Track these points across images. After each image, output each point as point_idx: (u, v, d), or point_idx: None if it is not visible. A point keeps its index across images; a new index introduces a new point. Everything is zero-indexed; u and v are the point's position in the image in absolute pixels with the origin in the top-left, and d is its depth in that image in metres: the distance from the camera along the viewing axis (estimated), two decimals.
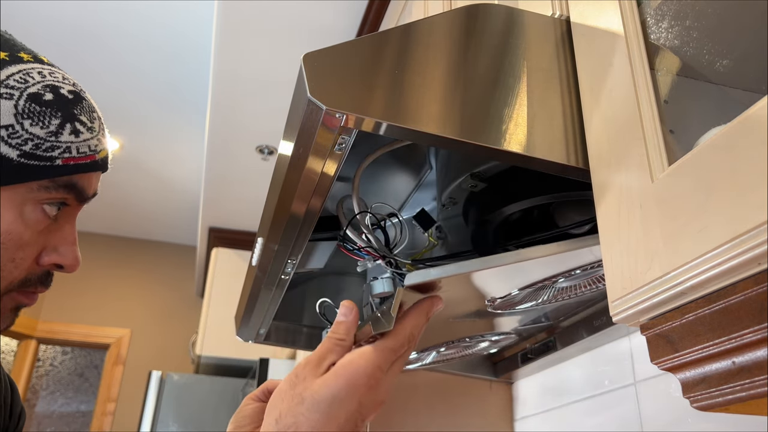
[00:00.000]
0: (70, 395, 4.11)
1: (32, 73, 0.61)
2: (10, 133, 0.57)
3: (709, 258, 0.37)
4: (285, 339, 1.09)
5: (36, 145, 0.58)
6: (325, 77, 0.51)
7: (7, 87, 0.58)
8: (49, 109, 0.59)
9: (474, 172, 0.69)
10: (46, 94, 0.60)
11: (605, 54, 0.54)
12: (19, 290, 0.62)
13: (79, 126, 0.61)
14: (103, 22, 2.45)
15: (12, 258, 0.59)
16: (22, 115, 0.58)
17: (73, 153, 0.61)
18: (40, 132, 0.59)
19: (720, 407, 0.39)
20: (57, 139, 0.59)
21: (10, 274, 0.60)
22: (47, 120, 0.59)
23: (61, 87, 0.62)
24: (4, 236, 0.58)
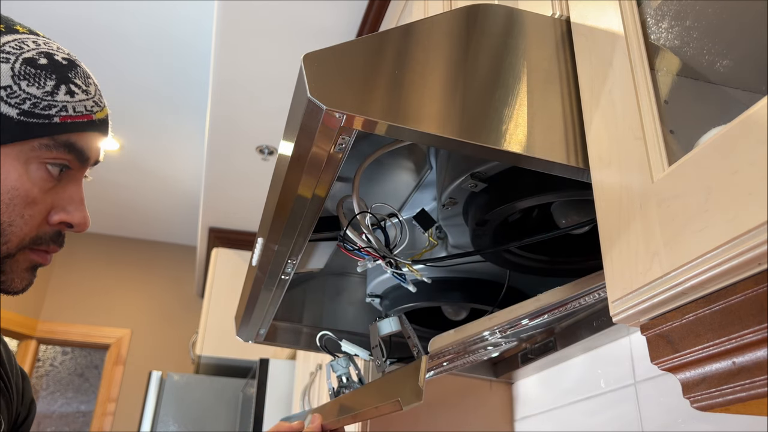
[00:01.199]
0: (70, 395, 4.11)
1: (27, 41, 0.65)
2: (8, 94, 0.61)
3: (709, 258, 0.37)
4: (285, 339, 1.09)
5: (34, 104, 0.62)
6: (326, 77, 0.51)
7: (3, 52, 0.63)
8: (44, 72, 0.64)
9: (474, 172, 0.69)
10: (40, 59, 0.64)
11: (605, 54, 0.54)
12: (31, 249, 0.65)
13: (73, 87, 0.65)
14: (102, 22, 2.45)
15: (21, 214, 0.62)
16: (18, 77, 0.62)
17: (70, 111, 0.64)
18: (36, 92, 0.62)
19: (720, 407, 0.39)
20: (53, 98, 0.63)
21: (21, 230, 0.63)
22: (43, 81, 0.63)
23: (55, 54, 0.66)
24: (11, 192, 0.62)
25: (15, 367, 0.79)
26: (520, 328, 0.79)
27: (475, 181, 0.70)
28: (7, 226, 0.62)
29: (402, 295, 0.96)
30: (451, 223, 0.81)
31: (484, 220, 0.72)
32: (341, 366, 0.91)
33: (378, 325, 0.78)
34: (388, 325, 0.77)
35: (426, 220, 0.78)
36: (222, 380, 3.28)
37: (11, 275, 0.64)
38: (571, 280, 0.92)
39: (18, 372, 0.79)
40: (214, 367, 3.46)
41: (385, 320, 0.77)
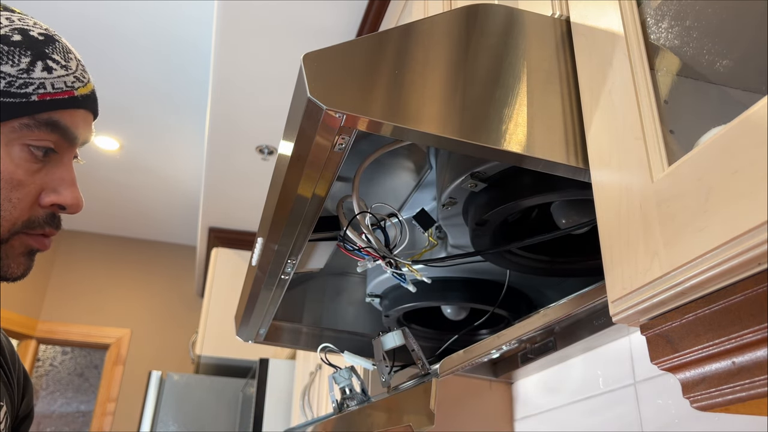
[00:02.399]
0: (69, 395, 4.11)
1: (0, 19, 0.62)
2: None
3: (709, 258, 0.37)
4: (285, 339, 1.09)
5: (9, 83, 0.59)
6: (325, 77, 0.51)
7: None
8: (18, 49, 0.61)
9: (474, 172, 0.69)
10: (14, 35, 0.61)
11: (605, 54, 0.54)
12: (25, 233, 0.63)
13: (51, 63, 0.62)
14: (102, 21, 2.45)
15: (9, 198, 0.60)
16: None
17: (48, 89, 0.61)
18: (10, 70, 0.60)
19: (720, 407, 0.39)
20: (29, 76, 0.60)
21: (10, 214, 0.61)
22: (16, 58, 0.60)
23: (30, 30, 0.63)
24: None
25: (19, 368, 0.78)
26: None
27: (475, 181, 0.70)
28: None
29: (402, 295, 0.96)
30: (451, 223, 0.81)
31: (483, 220, 0.72)
32: (343, 378, 0.91)
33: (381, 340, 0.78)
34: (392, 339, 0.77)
35: (426, 220, 0.78)
36: (222, 380, 3.28)
37: (7, 261, 0.62)
38: (570, 280, 0.92)
39: (22, 374, 0.78)
40: (214, 367, 3.46)
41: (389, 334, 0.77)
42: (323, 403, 2.17)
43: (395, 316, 1.01)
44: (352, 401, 0.90)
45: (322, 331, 1.11)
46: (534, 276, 0.90)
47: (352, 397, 0.90)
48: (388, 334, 0.77)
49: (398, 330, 0.78)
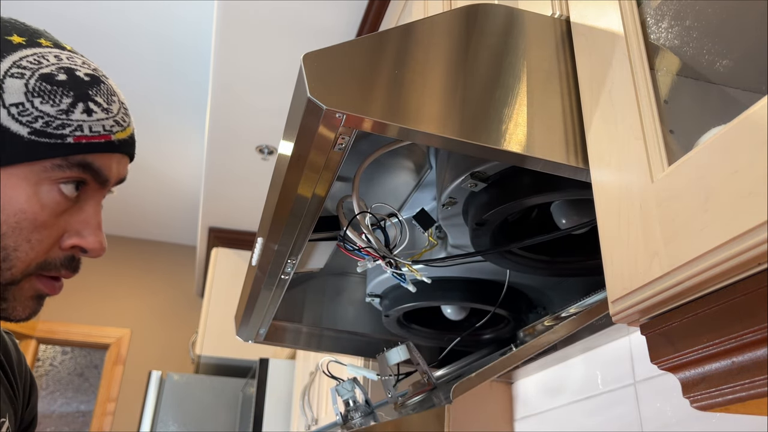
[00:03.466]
0: (69, 395, 4.11)
1: (48, 56, 0.61)
2: (20, 111, 0.57)
3: (709, 258, 0.37)
4: (285, 339, 1.09)
5: (46, 122, 0.58)
6: (325, 77, 0.51)
7: (19, 67, 0.59)
8: (60, 89, 0.60)
9: (474, 172, 0.69)
10: (59, 74, 0.60)
11: (605, 54, 0.54)
12: (38, 275, 0.61)
13: (92, 106, 0.61)
14: (102, 22, 2.45)
15: (28, 239, 0.59)
16: (32, 93, 0.58)
17: (85, 131, 0.60)
18: (50, 110, 0.59)
19: (720, 407, 0.39)
20: (68, 117, 0.59)
21: (27, 255, 0.59)
22: (58, 98, 0.59)
23: (77, 70, 0.62)
24: (18, 215, 0.58)
25: (25, 374, 0.76)
26: None
27: (475, 181, 0.70)
28: (12, 251, 0.58)
29: (402, 294, 0.96)
30: (451, 222, 0.81)
31: (483, 220, 0.72)
32: (347, 390, 0.91)
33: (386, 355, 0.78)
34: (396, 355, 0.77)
35: (426, 220, 0.78)
36: (222, 380, 3.28)
37: (14, 303, 0.61)
38: (571, 279, 0.92)
39: (28, 381, 0.77)
40: (213, 367, 3.46)
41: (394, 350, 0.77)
42: (323, 403, 2.17)
43: (395, 316, 1.01)
44: (356, 413, 0.89)
45: (322, 331, 1.11)
46: (534, 276, 0.90)
47: (356, 409, 0.90)
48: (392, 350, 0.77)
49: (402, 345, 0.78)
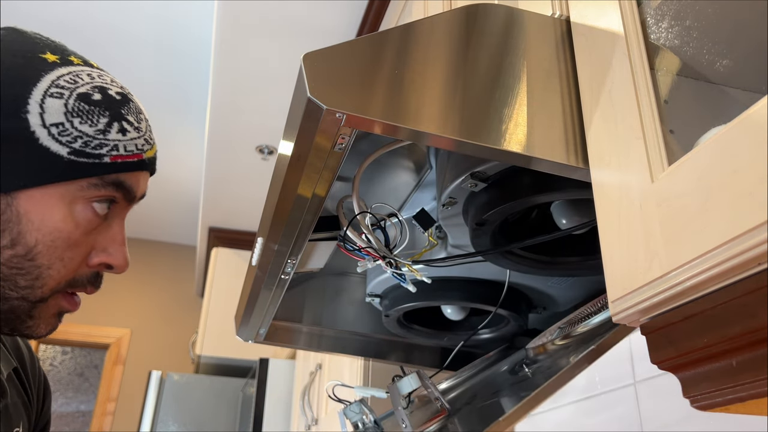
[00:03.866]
0: (70, 395, 4.11)
1: (82, 74, 0.62)
2: (60, 131, 0.58)
3: (709, 258, 0.37)
4: (285, 339, 1.09)
5: (85, 143, 0.59)
6: (325, 77, 0.51)
7: (57, 87, 0.59)
8: (97, 108, 0.60)
9: (474, 172, 0.69)
10: (94, 94, 0.61)
11: (605, 54, 0.54)
12: (64, 293, 0.62)
13: (126, 125, 0.62)
14: (102, 22, 2.45)
15: (61, 257, 0.59)
16: (71, 114, 0.59)
17: (121, 151, 0.61)
18: (89, 130, 0.59)
19: (720, 407, 0.39)
20: (105, 137, 0.60)
21: (58, 273, 0.60)
22: (96, 118, 0.60)
23: (109, 88, 0.63)
24: (54, 234, 0.58)
25: (39, 378, 0.77)
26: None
27: (475, 181, 0.70)
28: (45, 270, 0.59)
29: (402, 294, 0.96)
30: (451, 222, 0.81)
31: (483, 220, 0.72)
32: (354, 412, 0.90)
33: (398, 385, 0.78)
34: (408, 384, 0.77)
35: (426, 220, 0.78)
36: (222, 380, 3.28)
37: (38, 321, 0.61)
38: (570, 279, 0.92)
39: (42, 385, 0.77)
40: (213, 367, 3.46)
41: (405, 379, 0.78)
42: (323, 403, 2.17)
43: (395, 316, 1.01)
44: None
45: (322, 331, 1.11)
46: (534, 275, 0.90)
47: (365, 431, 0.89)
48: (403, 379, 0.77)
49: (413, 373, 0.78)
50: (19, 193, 0.57)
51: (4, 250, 0.57)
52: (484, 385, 0.94)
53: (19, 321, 0.60)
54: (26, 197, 0.57)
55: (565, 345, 0.76)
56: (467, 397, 0.95)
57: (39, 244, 0.58)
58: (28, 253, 0.58)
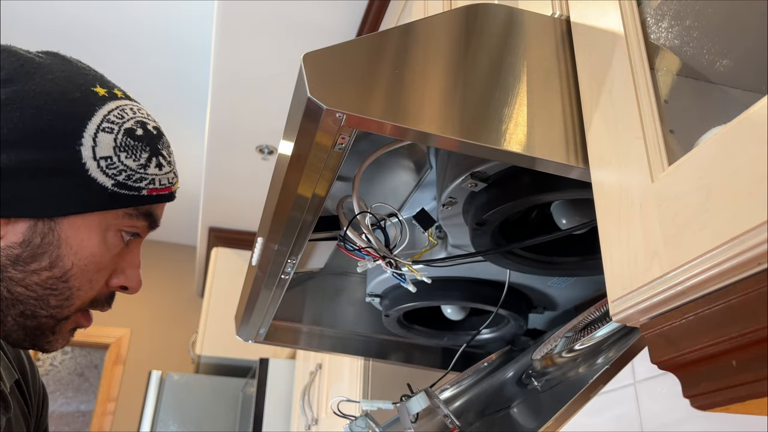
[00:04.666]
0: (70, 395, 4.11)
1: (126, 109, 0.66)
2: (108, 164, 0.62)
3: (709, 258, 0.37)
4: (285, 339, 1.09)
5: (128, 176, 0.63)
6: (325, 77, 0.51)
7: (108, 122, 0.63)
8: (140, 144, 0.64)
9: (474, 172, 0.69)
10: (138, 129, 0.65)
11: (605, 54, 0.54)
12: (83, 311, 0.65)
13: (161, 160, 0.66)
14: (101, 22, 2.45)
15: (90, 279, 0.63)
16: (119, 148, 0.63)
17: (156, 184, 0.66)
18: (132, 164, 0.63)
19: (720, 407, 0.39)
20: (145, 171, 0.64)
21: (86, 294, 0.63)
22: (138, 153, 0.64)
23: (147, 123, 0.67)
24: (89, 259, 0.62)
25: (39, 388, 0.79)
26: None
27: (475, 181, 0.70)
28: (76, 291, 0.62)
29: (402, 294, 0.96)
30: (451, 222, 0.81)
31: (483, 220, 0.72)
32: (360, 427, 0.91)
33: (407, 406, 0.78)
34: (417, 404, 0.77)
35: (426, 220, 0.78)
36: (222, 380, 3.28)
37: (58, 336, 0.64)
38: (570, 279, 0.92)
39: (41, 394, 0.79)
40: (214, 367, 3.46)
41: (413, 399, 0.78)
42: (323, 403, 2.17)
43: (395, 316, 1.01)
44: None
45: (322, 331, 1.11)
46: (534, 275, 0.90)
47: None
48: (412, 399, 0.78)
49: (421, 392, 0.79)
50: (62, 219, 0.61)
51: (43, 271, 0.60)
52: (492, 395, 0.93)
53: (43, 337, 0.63)
54: (68, 223, 0.61)
55: (573, 358, 0.76)
56: (476, 409, 0.94)
57: (74, 267, 0.62)
58: (64, 275, 0.61)
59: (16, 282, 0.60)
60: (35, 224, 0.60)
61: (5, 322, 0.61)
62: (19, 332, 0.62)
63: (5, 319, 0.61)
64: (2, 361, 0.70)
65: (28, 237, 0.60)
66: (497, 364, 1.03)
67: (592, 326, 0.77)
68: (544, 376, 0.79)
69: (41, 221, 0.60)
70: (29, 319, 0.61)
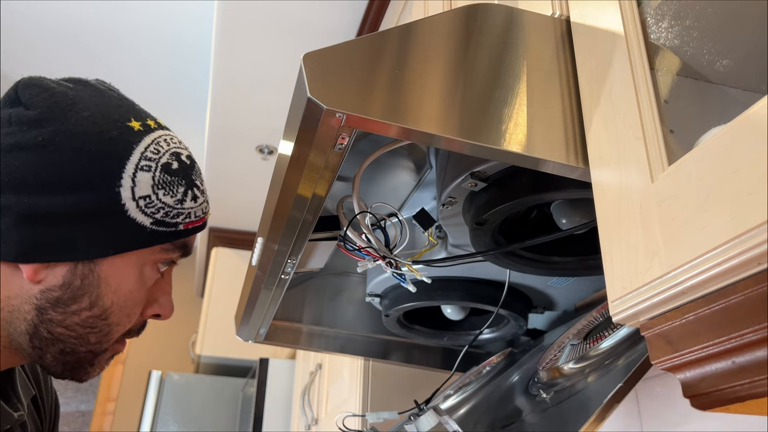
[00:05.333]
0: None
1: (161, 142, 0.64)
2: (147, 203, 0.61)
3: (709, 258, 0.37)
4: (285, 339, 1.09)
5: (166, 213, 0.62)
6: (325, 77, 0.51)
7: (146, 159, 0.62)
8: (176, 179, 0.63)
9: (474, 172, 0.69)
10: (173, 162, 0.64)
11: (605, 54, 0.54)
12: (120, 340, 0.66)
13: (196, 192, 0.65)
14: (101, 22, 2.45)
15: (128, 314, 0.64)
16: (157, 186, 0.61)
17: (192, 218, 0.65)
18: (169, 201, 0.62)
19: (720, 407, 0.39)
20: (182, 206, 0.63)
21: (123, 327, 0.64)
22: (175, 189, 0.63)
23: (180, 153, 0.65)
24: (127, 296, 0.62)
25: (52, 397, 0.79)
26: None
27: (475, 180, 0.70)
28: (114, 326, 0.63)
29: (402, 294, 0.96)
30: (451, 222, 0.81)
31: (483, 220, 0.72)
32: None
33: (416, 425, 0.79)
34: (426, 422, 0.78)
35: (426, 220, 0.78)
36: (222, 380, 3.28)
37: (96, 367, 0.65)
38: (570, 278, 0.92)
39: (53, 403, 0.80)
40: (213, 367, 3.46)
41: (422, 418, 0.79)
42: (323, 403, 2.17)
43: (395, 316, 1.01)
44: None
45: (322, 331, 1.11)
46: (534, 275, 0.90)
47: None
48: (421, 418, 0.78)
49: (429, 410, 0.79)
50: (102, 259, 0.60)
51: (83, 311, 0.60)
52: (498, 405, 0.92)
53: (82, 369, 0.64)
54: (108, 263, 0.61)
55: (580, 369, 0.75)
56: (485, 421, 0.93)
57: (114, 305, 0.62)
58: (103, 313, 0.61)
59: (56, 323, 0.60)
60: (75, 267, 0.59)
61: (45, 358, 0.61)
62: (59, 366, 0.63)
63: (45, 355, 0.61)
64: (21, 378, 0.70)
65: (68, 280, 0.59)
66: (500, 368, 1.03)
67: (597, 333, 0.77)
68: (552, 388, 0.78)
69: (81, 263, 0.59)
70: (69, 356, 0.62)
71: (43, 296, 0.59)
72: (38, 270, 0.58)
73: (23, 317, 0.59)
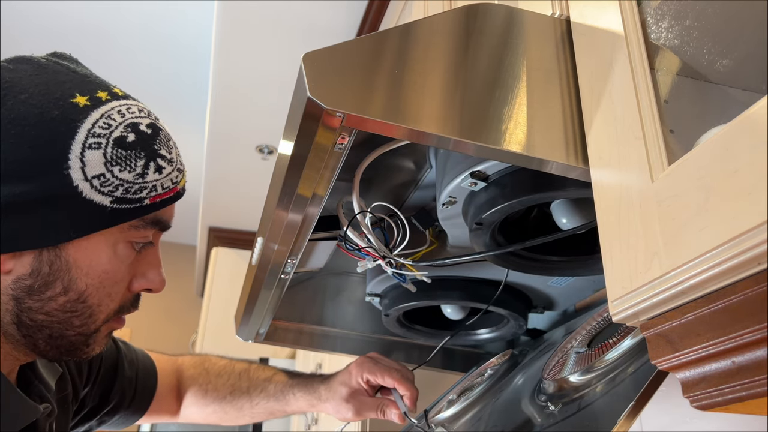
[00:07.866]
0: None
1: (113, 114, 0.62)
2: (102, 182, 0.59)
3: (709, 258, 0.37)
4: (285, 339, 1.10)
5: (126, 189, 0.60)
6: (325, 77, 0.51)
7: (94, 136, 0.59)
8: (133, 152, 0.61)
9: (473, 171, 0.69)
10: (128, 135, 0.61)
11: (605, 54, 0.54)
12: (113, 317, 0.66)
13: (161, 162, 0.63)
14: (101, 22, 2.45)
15: (108, 293, 0.63)
16: (110, 163, 0.60)
17: (159, 190, 0.63)
18: (128, 176, 0.60)
19: (719, 406, 0.39)
20: (143, 180, 0.62)
21: (108, 307, 0.64)
22: (133, 163, 0.61)
23: (139, 123, 0.63)
24: (102, 276, 0.62)
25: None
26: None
27: (475, 180, 0.70)
28: (96, 307, 0.63)
29: (401, 294, 0.96)
30: (451, 222, 0.81)
31: (483, 220, 0.72)
32: None
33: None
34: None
35: (426, 220, 0.78)
36: None
37: (94, 345, 0.65)
38: (570, 278, 0.92)
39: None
40: None
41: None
42: None
43: (395, 316, 1.01)
44: None
45: (322, 331, 1.11)
46: (534, 275, 0.90)
47: None
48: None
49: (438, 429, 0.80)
50: (66, 244, 0.59)
51: (59, 297, 0.60)
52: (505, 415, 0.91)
53: (79, 350, 0.64)
54: (74, 247, 0.60)
55: (587, 381, 0.75)
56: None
57: (89, 287, 0.61)
58: (80, 296, 0.61)
59: (36, 311, 0.60)
60: (40, 254, 0.59)
61: (37, 344, 0.62)
62: (53, 351, 0.63)
63: (36, 342, 0.61)
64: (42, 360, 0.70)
65: (36, 267, 0.59)
66: (502, 372, 1.02)
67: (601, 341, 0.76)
68: (560, 399, 0.78)
69: (45, 250, 0.59)
70: (58, 340, 0.62)
71: (16, 286, 0.59)
72: (5, 260, 0.58)
73: (5, 308, 0.60)
